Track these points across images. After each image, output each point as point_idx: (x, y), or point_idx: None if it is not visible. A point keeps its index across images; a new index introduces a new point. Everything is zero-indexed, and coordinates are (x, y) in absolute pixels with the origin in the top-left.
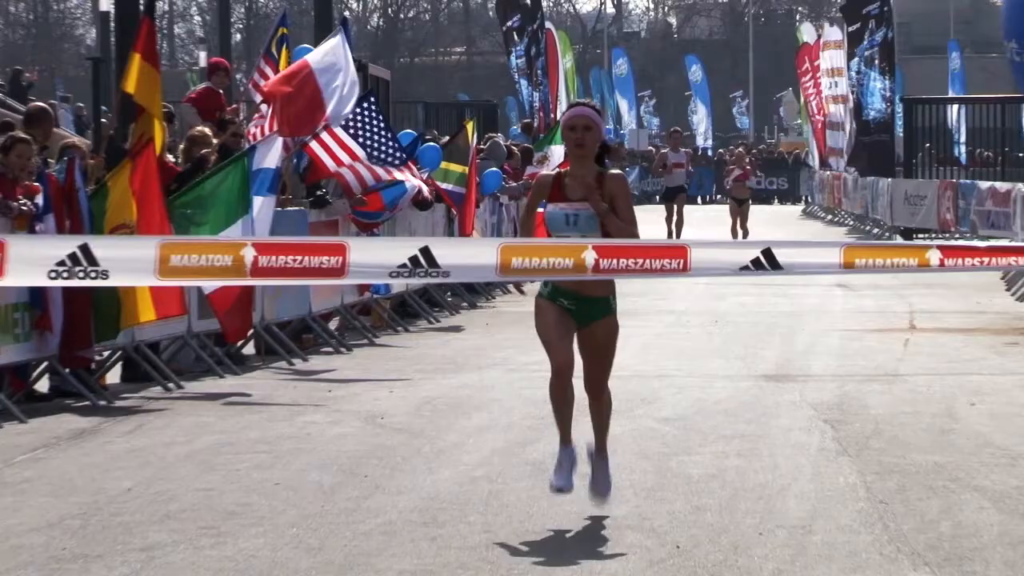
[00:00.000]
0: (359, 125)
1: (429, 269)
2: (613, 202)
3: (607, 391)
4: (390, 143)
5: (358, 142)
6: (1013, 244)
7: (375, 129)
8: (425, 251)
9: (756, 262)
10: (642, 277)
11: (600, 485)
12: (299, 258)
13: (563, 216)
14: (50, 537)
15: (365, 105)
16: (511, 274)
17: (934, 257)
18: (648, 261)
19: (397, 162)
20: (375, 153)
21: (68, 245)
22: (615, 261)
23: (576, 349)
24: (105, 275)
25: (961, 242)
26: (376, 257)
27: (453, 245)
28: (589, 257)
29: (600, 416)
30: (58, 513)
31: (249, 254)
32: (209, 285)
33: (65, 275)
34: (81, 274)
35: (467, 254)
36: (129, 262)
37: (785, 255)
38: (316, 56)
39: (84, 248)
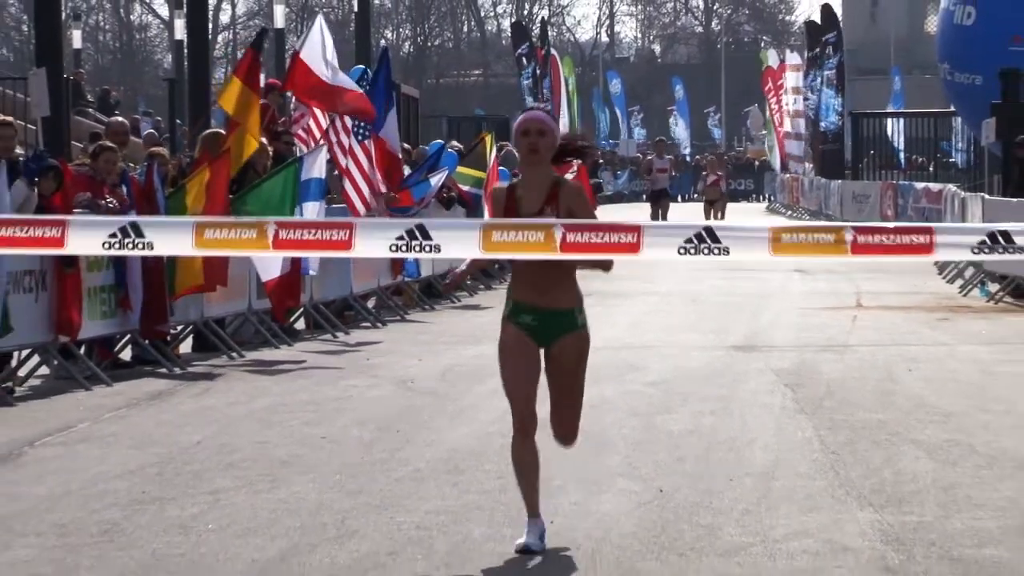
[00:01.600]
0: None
1: (423, 242)
2: (572, 216)
3: (577, 440)
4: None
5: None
6: (916, 224)
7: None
8: (420, 227)
9: (698, 236)
10: (602, 255)
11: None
12: (314, 232)
13: None
14: (132, 482)
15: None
16: (492, 248)
17: (848, 236)
18: (607, 235)
19: (368, 133)
20: (354, 128)
21: (119, 222)
22: (580, 235)
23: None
24: (151, 246)
25: (871, 223)
26: (378, 232)
27: (444, 224)
28: (558, 233)
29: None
30: (138, 462)
31: (271, 229)
32: (265, 276)
33: (116, 246)
34: (130, 245)
35: (455, 230)
36: (170, 235)
37: (722, 233)
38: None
39: (133, 224)
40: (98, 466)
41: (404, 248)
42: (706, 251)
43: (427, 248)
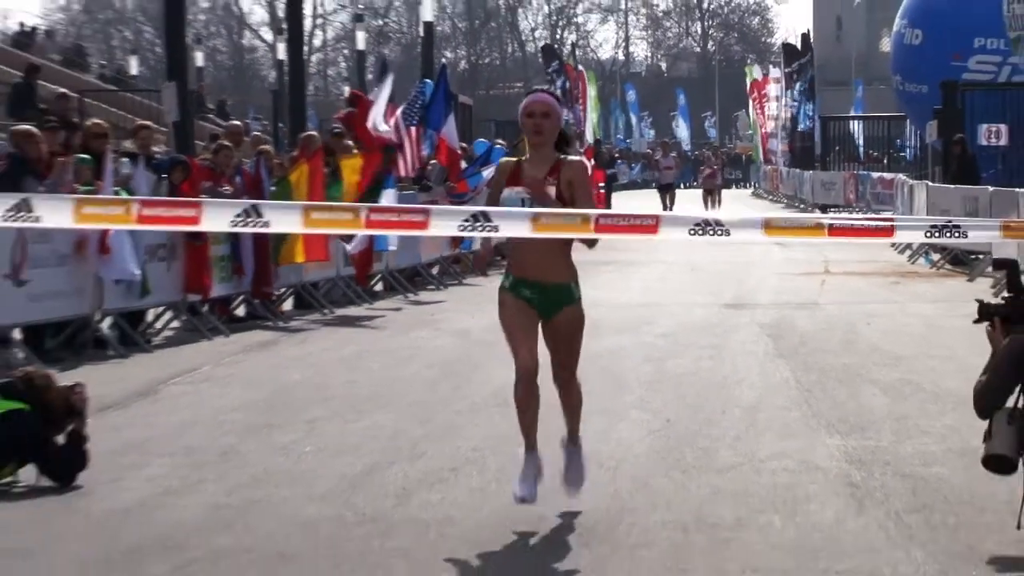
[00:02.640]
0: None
1: (485, 224)
2: (572, 187)
3: (576, 383)
4: (415, 109)
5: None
6: (880, 225)
7: (415, 100)
8: (483, 213)
9: (705, 223)
10: (627, 235)
11: (573, 475)
12: (398, 215)
13: (518, 200)
14: (245, 414)
15: (419, 85)
16: (540, 229)
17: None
18: (631, 219)
19: (415, 121)
20: (408, 112)
21: (243, 205)
22: (611, 219)
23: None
24: (267, 224)
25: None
26: (449, 215)
27: (500, 213)
28: (592, 219)
29: (571, 408)
30: (250, 398)
31: (364, 212)
32: (350, 250)
33: (241, 224)
34: (252, 224)
35: (508, 213)
36: (284, 217)
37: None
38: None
39: (254, 207)
40: (218, 401)
41: (470, 228)
42: (711, 233)
43: (488, 228)
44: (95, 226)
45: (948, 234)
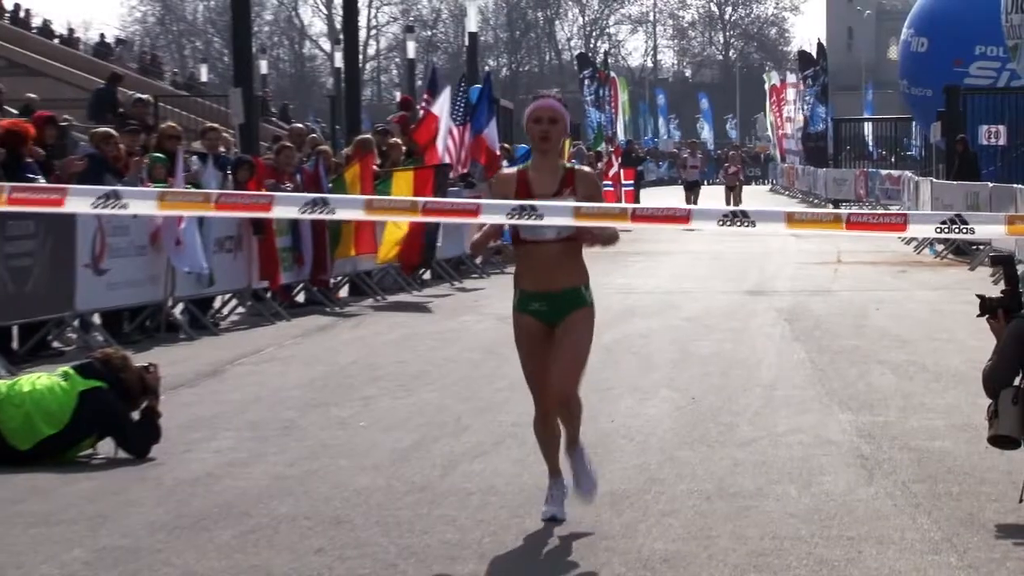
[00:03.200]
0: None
1: (532, 214)
2: (590, 199)
3: (577, 397)
4: (460, 109)
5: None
6: (890, 217)
7: (457, 101)
8: (531, 204)
9: (733, 214)
10: (663, 224)
11: (584, 482)
12: (451, 204)
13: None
14: (304, 391)
15: (462, 89)
16: (581, 218)
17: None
18: (665, 210)
19: (459, 121)
20: (454, 112)
21: (311, 196)
22: (646, 209)
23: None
24: (333, 211)
25: (865, 211)
26: (498, 206)
27: (546, 203)
28: (628, 208)
29: (570, 416)
30: (308, 377)
31: (421, 202)
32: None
33: (309, 211)
34: (327, 212)
35: (554, 205)
36: (348, 205)
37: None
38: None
39: (321, 198)
40: (280, 379)
41: (517, 216)
42: (739, 224)
43: (534, 216)
44: (177, 213)
45: (956, 230)
